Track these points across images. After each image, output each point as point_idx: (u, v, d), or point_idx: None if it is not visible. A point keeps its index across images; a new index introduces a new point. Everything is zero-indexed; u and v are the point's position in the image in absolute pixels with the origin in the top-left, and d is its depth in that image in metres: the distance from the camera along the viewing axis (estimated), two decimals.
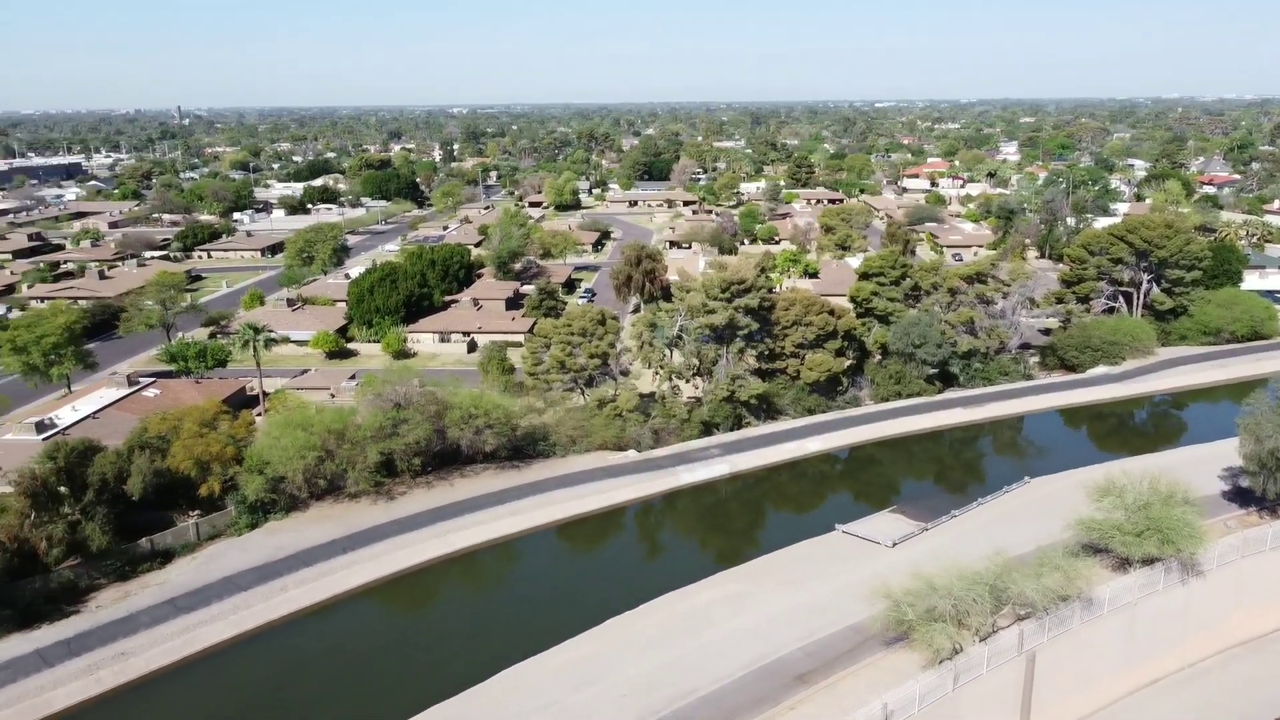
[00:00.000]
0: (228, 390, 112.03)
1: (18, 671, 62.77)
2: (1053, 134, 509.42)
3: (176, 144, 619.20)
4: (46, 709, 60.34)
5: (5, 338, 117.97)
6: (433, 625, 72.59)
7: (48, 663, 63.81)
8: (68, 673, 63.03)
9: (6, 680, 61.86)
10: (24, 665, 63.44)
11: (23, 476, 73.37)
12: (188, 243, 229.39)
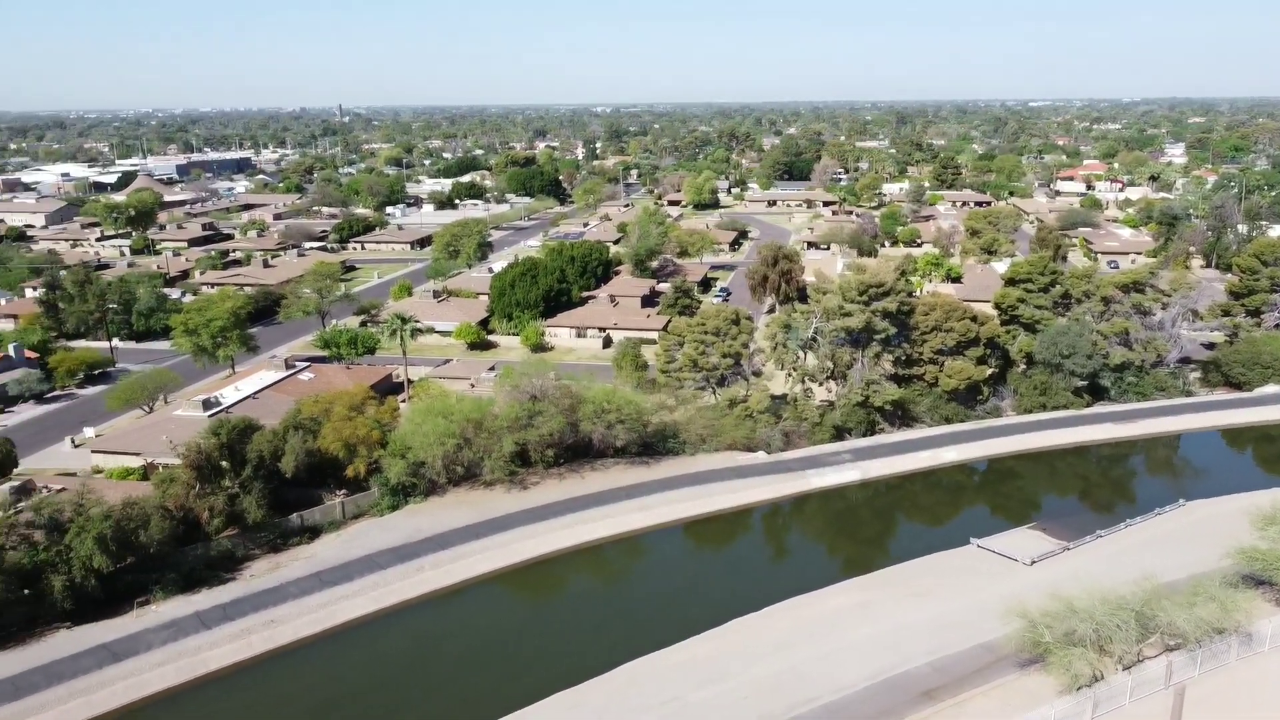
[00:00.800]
0: (375, 377, 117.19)
1: (179, 631, 67.57)
2: (1225, 135, 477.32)
3: (337, 141, 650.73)
4: (203, 668, 64.70)
5: (179, 320, 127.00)
6: (558, 614, 74.13)
7: (206, 625, 68.43)
8: (223, 635, 67.43)
9: (170, 639, 66.69)
10: (185, 626, 68.22)
11: (190, 450, 78.82)
12: (344, 235, 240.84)
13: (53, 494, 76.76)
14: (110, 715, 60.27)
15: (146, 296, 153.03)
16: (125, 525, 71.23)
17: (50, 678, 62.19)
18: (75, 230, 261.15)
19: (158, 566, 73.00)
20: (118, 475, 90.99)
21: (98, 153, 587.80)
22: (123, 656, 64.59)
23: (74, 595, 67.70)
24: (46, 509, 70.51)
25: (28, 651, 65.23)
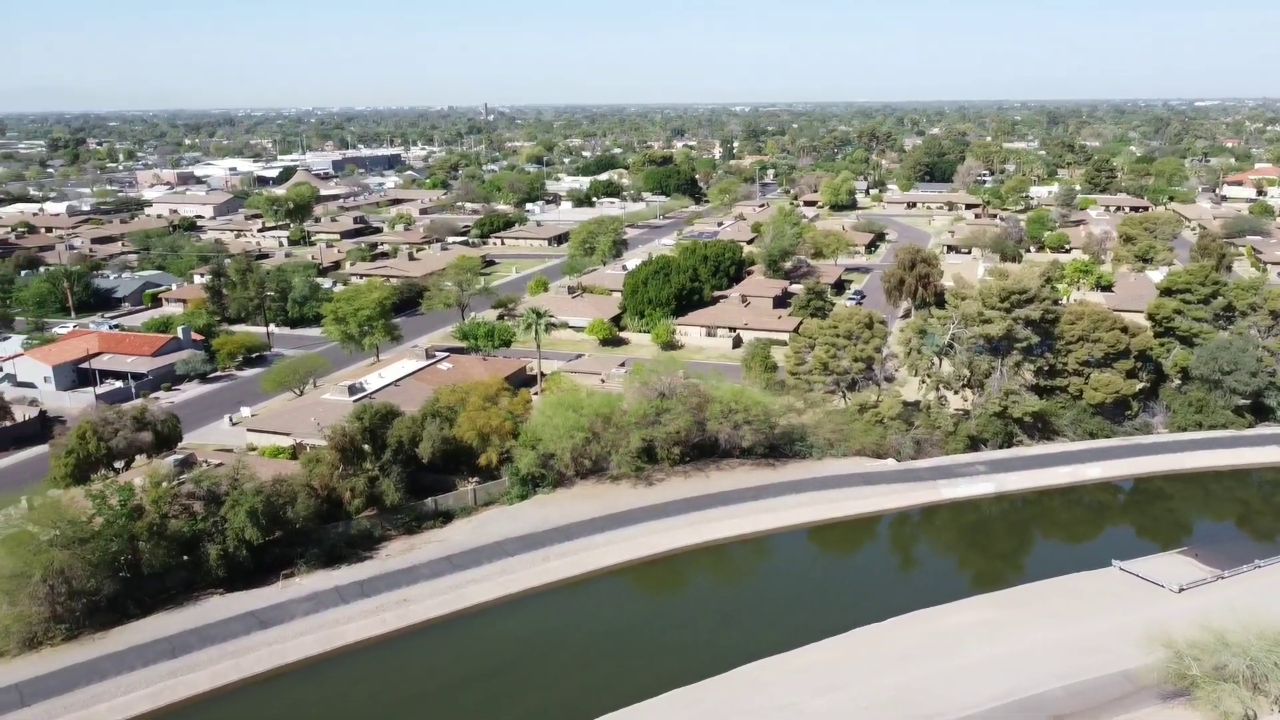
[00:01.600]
0: (510, 369, 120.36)
1: (320, 604, 71.23)
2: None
3: (481, 139, 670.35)
4: (340, 640, 68.02)
5: (329, 309, 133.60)
6: (679, 611, 74.53)
7: (344, 600, 71.89)
8: (359, 611, 70.72)
9: (311, 610, 70.40)
10: (325, 599, 71.87)
11: (335, 433, 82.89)
12: (485, 230, 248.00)
13: (211, 468, 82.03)
14: (256, 678, 64.09)
15: (301, 285, 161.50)
16: (275, 501, 75.54)
17: (204, 639, 66.58)
18: (240, 221, 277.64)
19: (302, 541, 77.15)
20: (269, 453, 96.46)
21: (262, 148, 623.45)
22: (269, 624, 68.57)
23: (227, 564, 72.26)
24: (206, 482, 75.46)
25: (185, 613, 70.02)
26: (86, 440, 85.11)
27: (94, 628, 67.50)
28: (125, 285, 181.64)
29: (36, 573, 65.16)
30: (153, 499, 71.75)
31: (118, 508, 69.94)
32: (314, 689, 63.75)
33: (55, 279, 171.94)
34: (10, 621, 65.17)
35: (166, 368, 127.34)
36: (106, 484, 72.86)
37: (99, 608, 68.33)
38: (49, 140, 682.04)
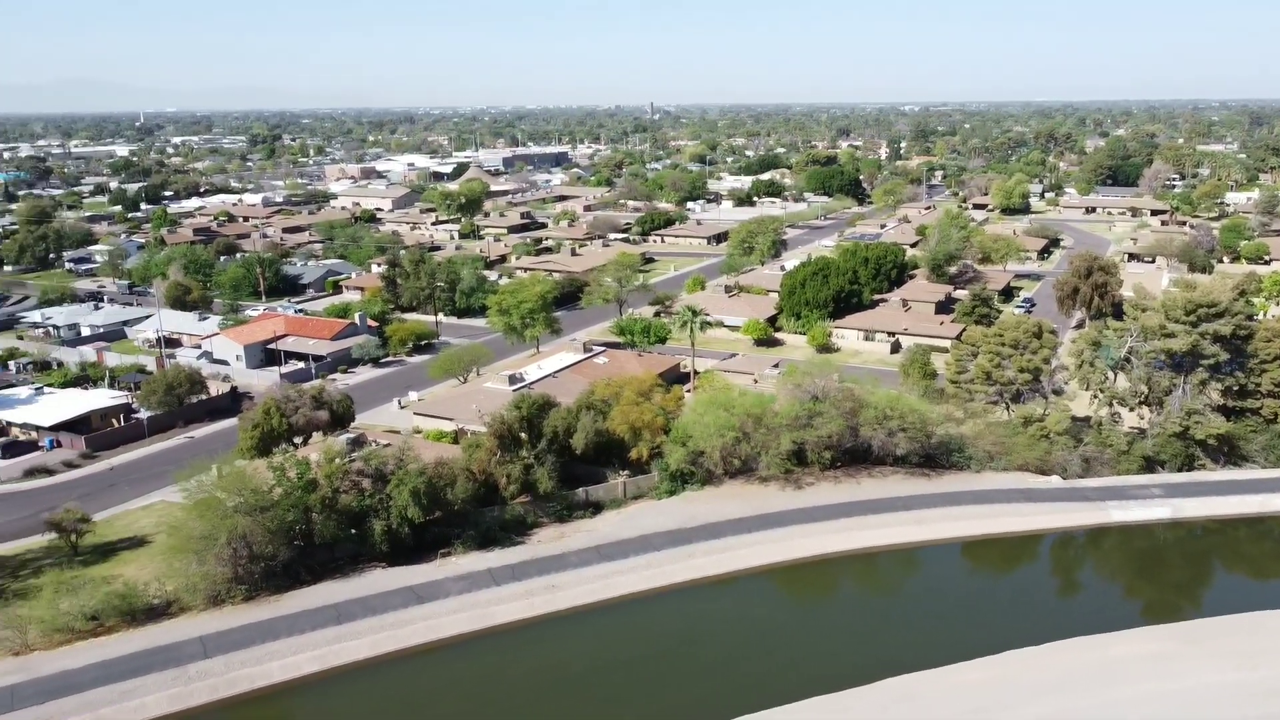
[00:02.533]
0: (664, 365, 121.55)
1: (473, 584, 74.15)
2: None
3: (646, 137, 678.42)
4: (490, 620, 70.59)
5: (494, 301, 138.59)
6: (825, 617, 73.58)
7: (496, 582, 74.56)
8: (509, 593, 73.18)
9: (464, 589, 73.39)
10: (479, 580, 74.74)
11: (495, 420, 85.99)
12: (645, 228, 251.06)
13: (380, 448, 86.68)
14: (412, 650, 67.34)
15: (469, 277, 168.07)
16: (436, 482, 79.09)
17: (366, 609, 70.50)
18: (415, 214, 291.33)
19: (459, 523, 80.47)
20: (433, 437, 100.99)
21: (438, 145, 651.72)
22: (425, 600, 71.92)
23: (390, 539, 76.20)
24: (374, 460, 79.78)
25: (350, 583, 74.31)
26: (270, 416, 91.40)
27: (270, 590, 72.56)
28: (310, 272, 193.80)
29: (222, 536, 70.59)
30: (326, 474, 76.43)
31: (295, 480, 74.87)
32: (466, 666, 66.43)
33: (249, 265, 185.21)
34: (198, 579, 70.82)
35: (343, 351, 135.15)
36: (286, 457, 78.14)
37: (275, 572, 73.39)
38: (249, 136, 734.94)
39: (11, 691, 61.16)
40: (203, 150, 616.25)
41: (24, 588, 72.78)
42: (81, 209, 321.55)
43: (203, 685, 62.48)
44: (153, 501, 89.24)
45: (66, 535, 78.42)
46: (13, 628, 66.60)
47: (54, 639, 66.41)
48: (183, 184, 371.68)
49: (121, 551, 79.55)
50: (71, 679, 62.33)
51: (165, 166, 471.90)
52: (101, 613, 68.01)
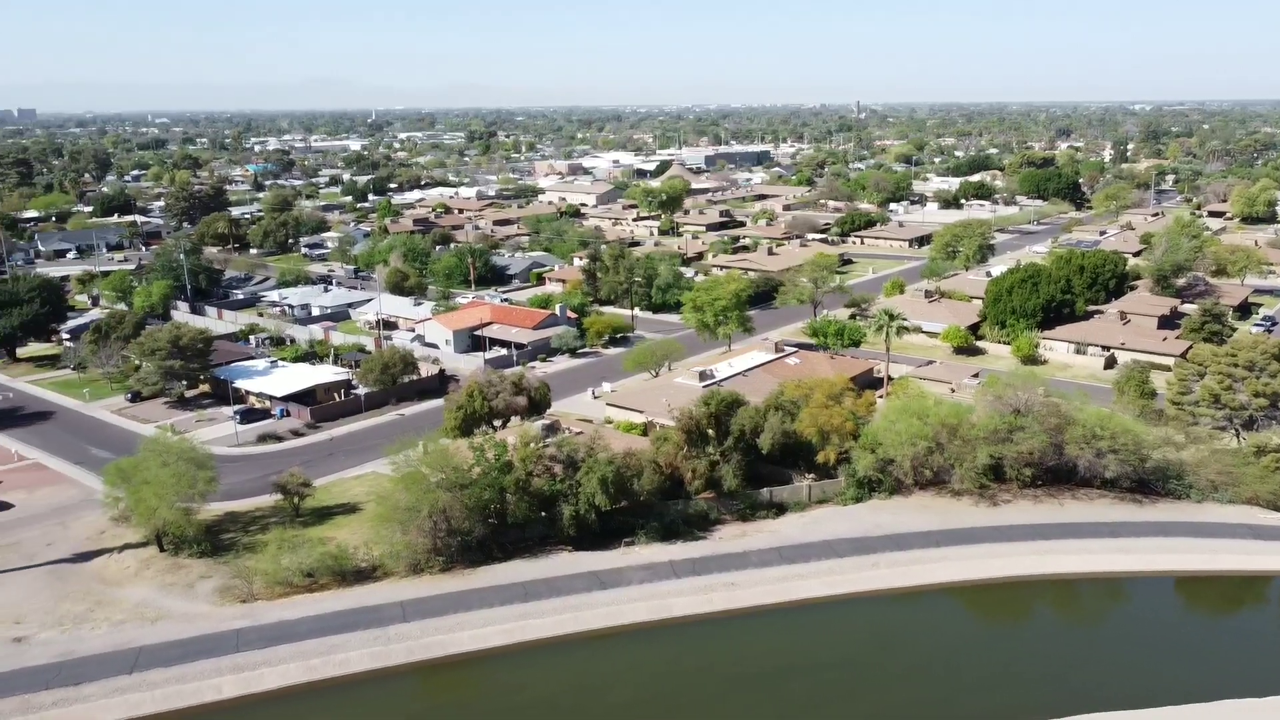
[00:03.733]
0: (857, 369, 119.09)
1: (654, 574, 75.48)
2: None
3: (850, 136, 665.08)
4: (669, 612, 71.62)
5: (689, 297, 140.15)
6: (1015, 642, 70.16)
7: (676, 574, 75.58)
8: (689, 586, 73.99)
9: (646, 579, 74.83)
10: (660, 571, 75.99)
11: (683, 416, 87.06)
12: (845, 228, 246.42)
13: (572, 435, 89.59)
14: (592, 634, 69.35)
15: (666, 273, 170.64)
16: (624, 473, 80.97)
17: (552, 590, 73.20)
18: (617, 210, 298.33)
19: (644, 514, 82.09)
20: (623, 428, 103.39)
21: (643, 143, 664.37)
22: (608, 585, 73.88)
23: (577, 524, 78.67)
24: (566, 447, 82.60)
25: (538, 564, 77.36)
26: (474, 399, 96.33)
27: (464, 564, 76.62)
28: (516, 264, 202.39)
29: (425, 509, 75.14)
30: (522, 457, 79.85)
31: (493, 461, 78.67)
32: (644, 653, 67.81)
33: (461, 255, 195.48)
34: (401, 548, 75.74)
35: (543, 341, 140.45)
36: (486, 439, 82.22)
37: (470, 547, 77.40)
38: (468, 133, 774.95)
39: (238, 634, 67.62)
40: (425, 145, 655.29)
41: (252, 542, 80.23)
42: (317, 199, 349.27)
43: (400, 647, 66.85)
44: (365, 472, 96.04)
45: (290, 497, 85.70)
46: (241, 577, 73.60)
47: (275, 591, 72.86)
48: (406, 177, 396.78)
49: (336, 516, 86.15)
50: (288, 629, 68.19)
51: (391, 160, 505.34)
52: (316, 571, 73.98)
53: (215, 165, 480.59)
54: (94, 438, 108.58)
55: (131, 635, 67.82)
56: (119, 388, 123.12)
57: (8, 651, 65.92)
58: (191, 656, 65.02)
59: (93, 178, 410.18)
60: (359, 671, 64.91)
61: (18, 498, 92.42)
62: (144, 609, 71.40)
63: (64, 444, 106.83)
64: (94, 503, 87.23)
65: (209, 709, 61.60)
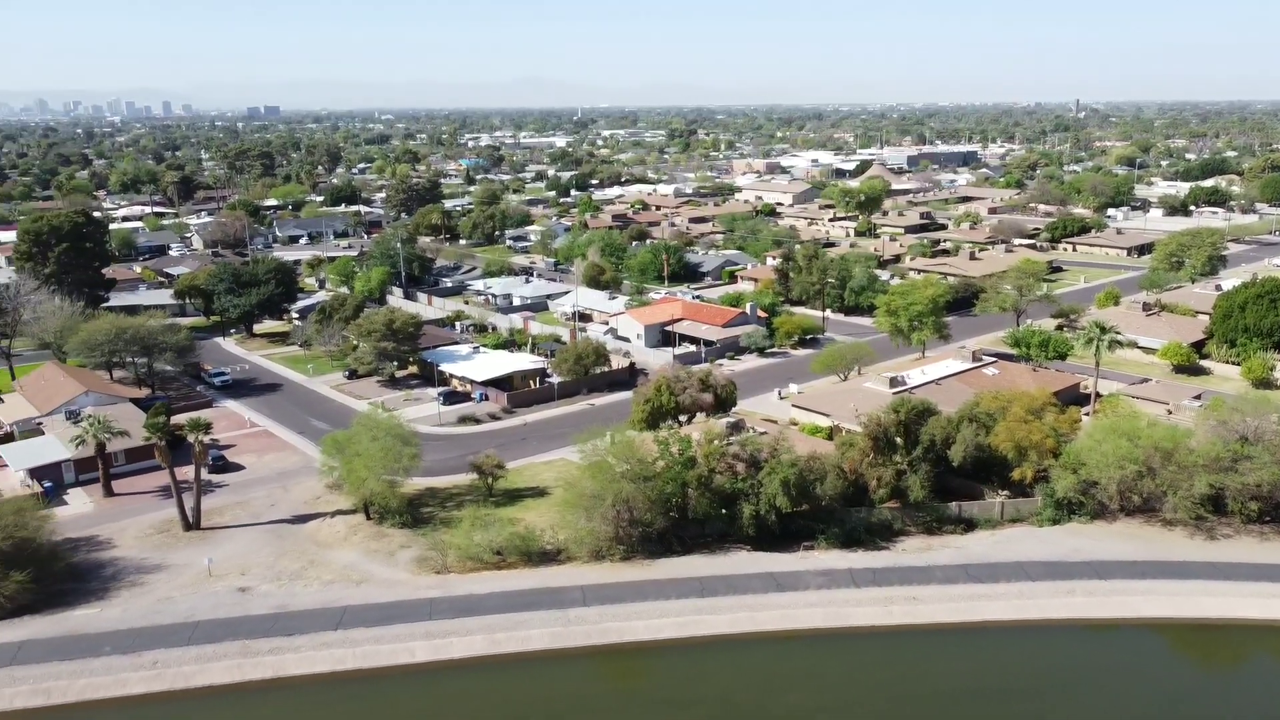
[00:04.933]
0: (1061, 384, 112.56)
1: (832, 581, 74.40)
2: None
3: (1067, 137, 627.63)
4: (846, 620, 70.37)
5: (883, 301, 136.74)
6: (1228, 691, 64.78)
7: (855, 583, 74.16)
8: (868, 597, 72.46)
9: (824, 585, 73.87)
10: (838, 578, 74.80)
11: (871, 421, 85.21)
12: (1056, 234, 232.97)
13: (756, 435, 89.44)
14: (767, 635, 69.18)
15: (860, 275, 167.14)
16: (806, 476, 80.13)
17: (729, 588, 73.52)
18: (814, 210, 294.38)
19: (825, 518, 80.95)
20: (808, 430, 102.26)
21: (843, 142, 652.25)
22: (785, 588, 73.44)
23: (757, 524, 78.53)
24: (750, 447, 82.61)
25: (716, 560, 77.87)
26: (661, 393, 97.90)
27: (644, 555, 78.14)
28: (709, 261, 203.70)
29: (609, 498, 77.15)
30: (705, 453, 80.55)
31: (677, 456, 79.76)
32: (821, 660, 67.07)
33: (656, 251, 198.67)
34: (585, 534, 78.11)
35: (732, 339, 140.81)
36: (671, 433, 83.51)
37: (650, 538, 78.84)
38: (668, 130, 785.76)
39: (431, 603, 71.87)
40: (627, 143, 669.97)
41: (448, 517, 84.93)
42: (523, 193, 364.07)
43: (578, 630, 69.06)
44: (554, 458, 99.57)
45: (484, 477, 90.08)
46: (437, 550, 78.11)
47: (466, 565, 76.90)
48: (607, 174, 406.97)
49: (526, 499, 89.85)
50: (476, 602, 71.82)
51: (594, 157, 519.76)
52: (505, 550, 77.50)
53: (432, 160, 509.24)
54: (314, 410, 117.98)
55: (338, 595, 73.38)
56: (338, 365, 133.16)
57: (234, 600, 72.85)
58: (389, 620, 69.66)
59: (325, 170, 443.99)
60: (538, 650, 67.55)
61: (248, 460, 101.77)
62: (350, 571, 77.10)
63: (289, 414, 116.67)
64: (312, 470, 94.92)
65: (402, 670, 65.84)
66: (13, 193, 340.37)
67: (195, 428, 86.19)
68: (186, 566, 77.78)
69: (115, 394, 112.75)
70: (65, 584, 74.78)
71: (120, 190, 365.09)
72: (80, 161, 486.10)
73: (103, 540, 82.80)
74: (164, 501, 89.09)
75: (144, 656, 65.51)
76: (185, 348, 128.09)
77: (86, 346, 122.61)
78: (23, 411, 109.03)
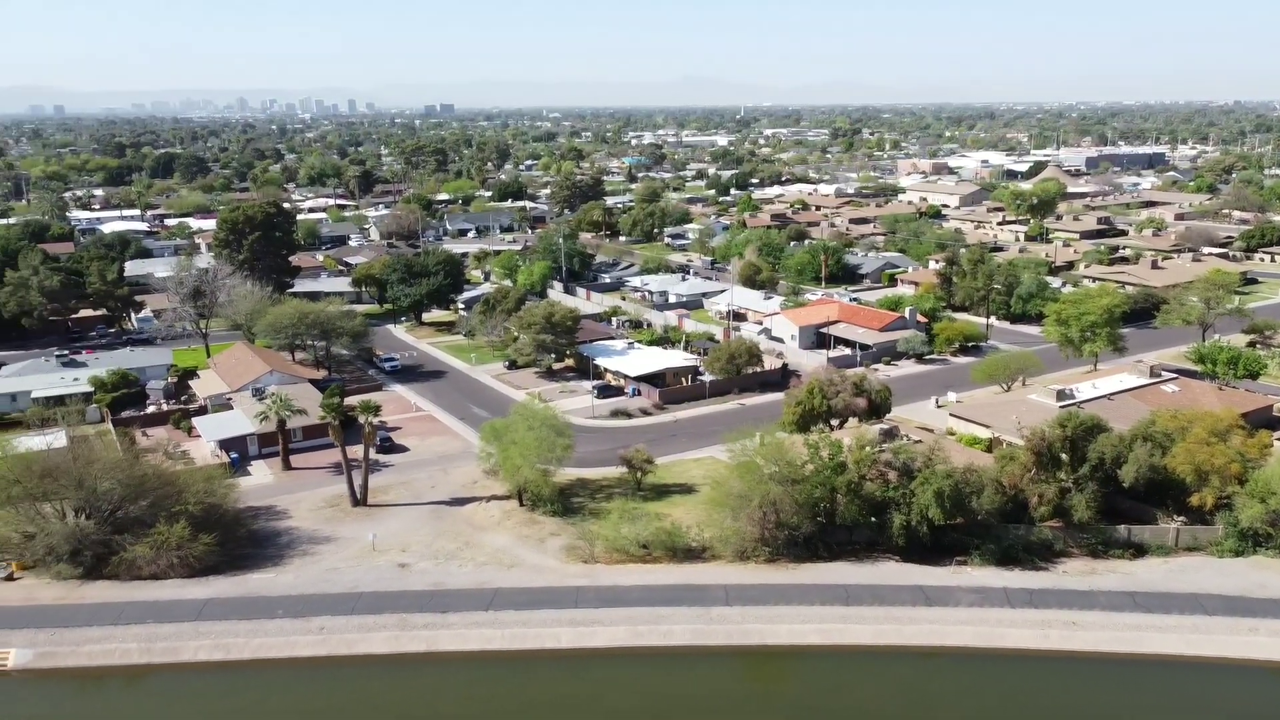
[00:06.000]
0: (1251, 405, 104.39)
1: (985, 599, 71.66)
2: None
3: (1269, 138, 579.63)
4: (998, 641, 67.66)
5: (1053, 309, 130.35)
6: None
7: (1010, 603, 71.19)
8: (1023, 618, 69.41)
9: (975, 602, 71.26)
10: (992, 596, 71.99)
11: (1034, 435, 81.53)
12: (1252, 243, 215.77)
13: (910, 443, 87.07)
14: (911, 649, 67.40)
15: (1029, 281, 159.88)
16: (962, 488, 77.44)
17: (874, 597, 71.98)
18: (981, 213, 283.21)
19: (980, 534, 77.99)
20: (966, 441, 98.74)
21: (1016, 142, 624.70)
22: (934, 603, 71.30)
23: (907, 535, 76.51)
24: (903, 455, 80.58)
25: (863, 569, 76.35)
26: (813, 396, 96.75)
27: (789, 558, 77.43)
28: (869, 263, 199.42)
29: (756, 499, 76.90)
30: (856, 459, 79.12)
31: (827, 460, 78.67)
32: (970, 681, 64.92)
33: (814, 252, 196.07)
34: (730, 533, 78.14)
35: (889, 343, 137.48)
36: (821, 437, 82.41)
37: (796, 542, 78.04)
38: (832, 129, 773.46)
39: (577, 591, 73.60)
40: (789, 142, 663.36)
41: (597, 508, 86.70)
42: (683, 191, 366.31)
43: (720, 629, 69.23)
44: (703, 456, 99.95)
45: (634, 472, 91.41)
46: (585, 540, 79.91)
47: (613, 556, 78.30)
48: (768, 173, 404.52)
49: (673, 495, 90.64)
50: (621, 594, 73.06)
51: (755, 156, 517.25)
52: (651, 544, 78.45)
53: (596, 157, 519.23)
54: (475, 397, 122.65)
55: (490, 576, 76.18)
56: (499, 355, 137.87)
57: (394, 575, 76.74)
58: (537, 604, 71.80)
59: (493, 166, 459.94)
60: (679, 645, 68.12)
61: (412, 443, 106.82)
62: (502, 555, 79.89)
63: (451, 400, 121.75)
64: (470, 455, 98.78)
65: (547, 655, 67.81)
66: (214, 184, 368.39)
67: (366, 410, 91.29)
68: (353, 540, 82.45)
69: (296, 374, 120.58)
70: (246, 549, 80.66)
71: (308, 183, 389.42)
72: (273, 156, 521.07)
73: (280, 510, 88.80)
74: (335, 478, 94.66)
75: (312, 622, 69.92)
76: (360, 333, 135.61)
77: (273, 329, 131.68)
78: (215, 387, 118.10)
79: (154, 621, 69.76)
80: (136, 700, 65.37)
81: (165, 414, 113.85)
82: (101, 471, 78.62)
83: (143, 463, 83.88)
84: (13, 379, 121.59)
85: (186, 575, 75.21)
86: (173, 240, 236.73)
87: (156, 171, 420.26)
